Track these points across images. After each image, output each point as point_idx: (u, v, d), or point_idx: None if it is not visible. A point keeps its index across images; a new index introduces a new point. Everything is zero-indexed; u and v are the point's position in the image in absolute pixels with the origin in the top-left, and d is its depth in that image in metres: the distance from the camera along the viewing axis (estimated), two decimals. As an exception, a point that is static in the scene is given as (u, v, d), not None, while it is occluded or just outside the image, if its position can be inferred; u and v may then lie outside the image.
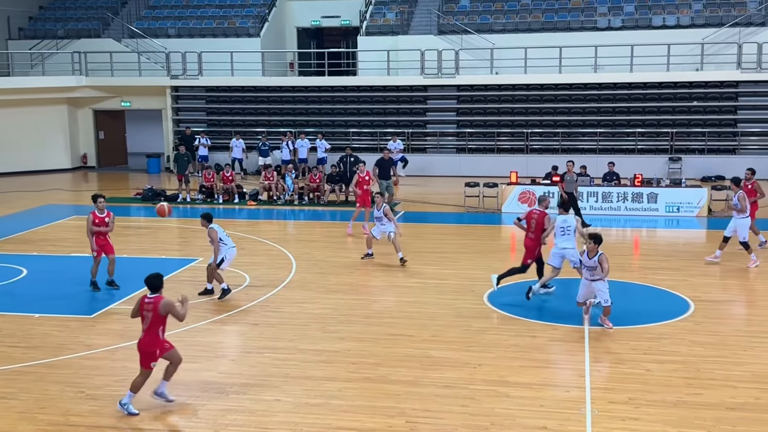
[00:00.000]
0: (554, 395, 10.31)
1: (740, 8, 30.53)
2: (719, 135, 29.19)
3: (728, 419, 9.54)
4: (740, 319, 13.35)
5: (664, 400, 10.03)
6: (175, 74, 32.91)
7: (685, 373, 10.94)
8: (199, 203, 25.36)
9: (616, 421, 9.55)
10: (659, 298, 14.55)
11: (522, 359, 11.59)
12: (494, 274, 14.74)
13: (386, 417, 9.71)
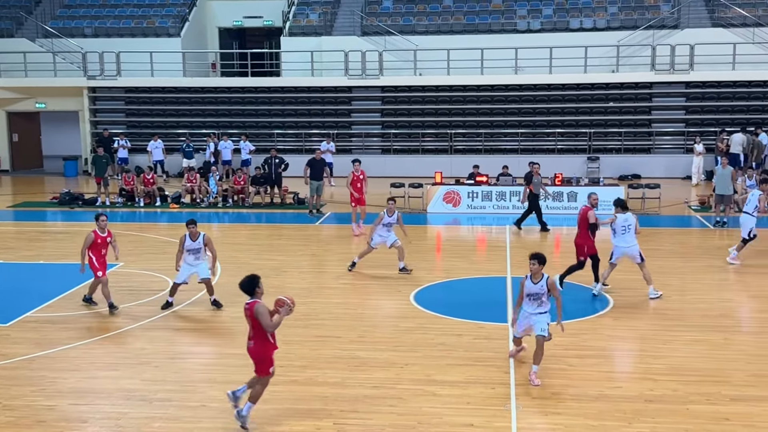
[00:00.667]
0: (480, 392, 10.44)
1: (654, 11, 31.53)
2: (635, 135, 30.09)
3: (647, 411, 9.83)
4: (657, 314, 13.77)
5: (586, 394, 10.27)
6: (92, 75, 32.08)
7: (606, 367, 11.23)
8: (119, 207, 24.77)
9: (540, 416, 9.73)
10: (579, 294, 14.89)
11: (448, 358, 11.70)
12: (557, 274, 14.80)
13: (314, 419, 9.67)
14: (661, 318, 13.55)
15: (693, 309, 13.93)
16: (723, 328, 12.94)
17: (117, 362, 11.49)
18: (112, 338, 12.55)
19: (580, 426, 9.49)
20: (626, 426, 9.47)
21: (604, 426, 9.46)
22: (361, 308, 14.10)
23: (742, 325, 13.12)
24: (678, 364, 11.36)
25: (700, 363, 11.45)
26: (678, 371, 11.08)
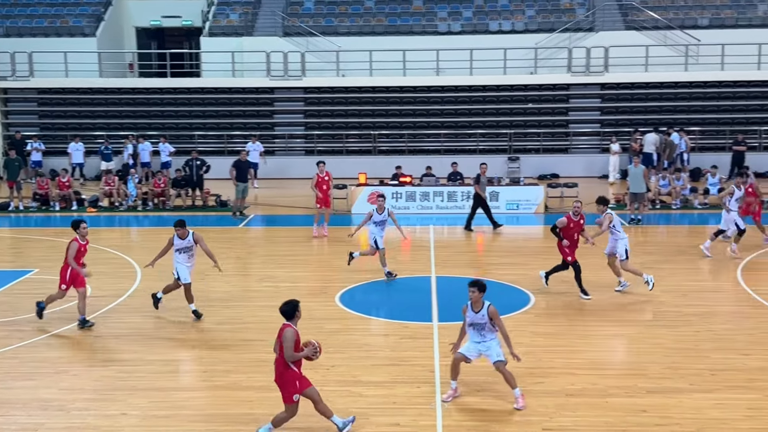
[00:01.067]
0: (406, 392, 10.51)
1: (569, 14, 32.29)
2: (553, 135, 30.75)
3: (568, 405, 10.07)
4: (577, 310, 14.10)
5: (509, 390, 10.44)
6: (3, 75, 30.95)
7: (528, 363, 11.43)
8: (33, 211, 23.98)
9: (465, 413, 9.85)
10: (502, 292, 15.13)
11: (374, 358, 11.73)
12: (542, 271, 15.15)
13: (239, 424, 9.56)
14: (580, 314, 13.88)
15: (611, 304, 14.32)
16: (640, 323, 13.35)
17: (33, 371, 11.12)
18: (28, 347, 12.14)
19: (504, 422, 9.65)
20: (548, 420, 9.68)
21: (527, 421, 9.64)
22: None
23: (658, 319, 13.54)
24: (597, 358, 11.66)
25: (618, 357, 11.79)
26: (597, 365, 11.37)
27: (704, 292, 14.84)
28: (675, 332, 12.83)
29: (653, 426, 9.52)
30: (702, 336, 12.60)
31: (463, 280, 14.67)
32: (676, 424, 9.49)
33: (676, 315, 13.66)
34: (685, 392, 10.44)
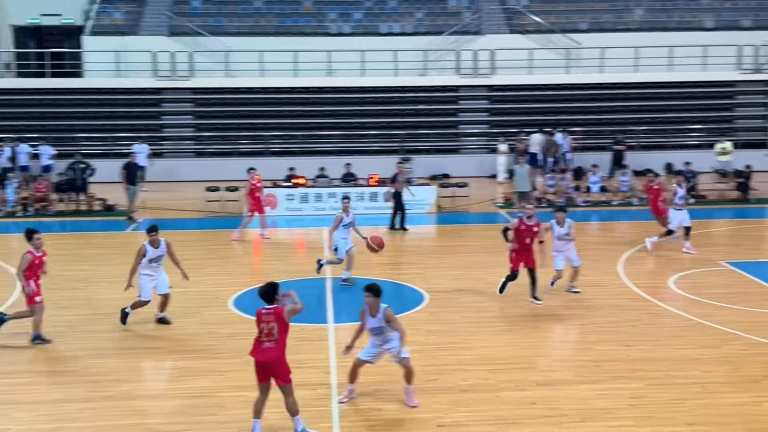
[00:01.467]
0: (303, 395, 10.45)
1: (457, 18, 32.94)
2: (443, 136, 31.31)
3: (462, 401, 10.29)
4: (469, 307, 14.41)
5: (404, 387, 10.57)
6: None
7: (423, 361, 11.60)
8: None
9: (360, 414, 9.91)
10: (397, 292, 15.30)
11: (270, 362, 11.63)
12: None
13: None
14: (473, 311, 14.19)
15: (502, 301, 14.70)
16: (529, 318, 13.76)
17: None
18: None
19: (399, 420, 9.76)
20: (442, 416, 9.86)
21: (422, 418, 9.79)
22: (179, 317, 13.70)
23: (546, 313, 13.99)
24: (488, 354, 11.95)
25: (509, 351, 12.12)
26: (489, 361, 11.66)
27: (589, 287, 15.42)
28: (562, 326, 13.29)
29: (542, 417, 9.84)
30: (587, 329, 13.11)
31: (358, 280, 14.79)
32: (563, 415, 9.85)
33: (563, 309, 14.15)
34: (571, 384, 10.84)
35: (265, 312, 9.15)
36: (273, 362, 9.14)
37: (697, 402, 10.22)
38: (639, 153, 30.21)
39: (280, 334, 9.11)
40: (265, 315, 9.14)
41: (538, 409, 10.09)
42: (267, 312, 9.14)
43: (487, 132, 31.42)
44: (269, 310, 9.15)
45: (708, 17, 32.86)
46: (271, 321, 9.10)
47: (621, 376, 11.11)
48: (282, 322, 9.10)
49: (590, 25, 32.61)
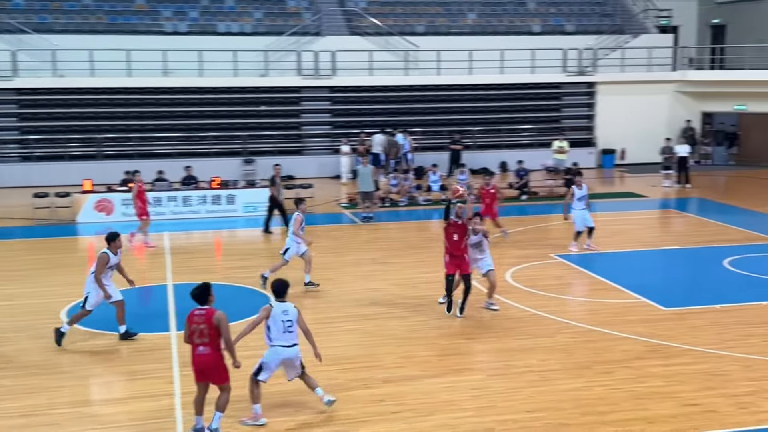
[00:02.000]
0: (145, 406, 10.10)
1: (297, 18, 32.86)
2: (286, 137, 31.14)
3: (311, 402, 10.24)
4: (316, 308, 14.39)
5: (263, 393, 10.40)
6: None
7: (271, 365, 11.48)
8: None
9: (206, 423, 9.66)
10: (242, 296, 15.06)
11: (108, 374, 11.15)
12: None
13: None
14: (320, 311, 14.19)
15: (348, 300, 14.80)
16: (374, 316, 13.92)
17: None
18: None
19: (249, 427, 9.60)
20: (291, 419, 9.78)
21: (270, 422, 9.66)
22: (4, 331, 12.83)
23: (392, 311, 14.21)
24: (336, 354, 11.98)
25: (355, 350, 12.20)
26: (337, 361, 11.68)
27: (431, 283, 15.79)
28: (407, 323, 13.54)
29: (390, 414, 9.98)
30: (431, 324, 13.42)
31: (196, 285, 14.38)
32: (410, 410, 10.03)
33: (408, 306, 14.42)
34: (417, 379, 11.06)
35: (197, 313, 9.13)
36: (209, 367, 9.14)
37: (534, 389, 10.70)
38: (475, 152, 31.31)
39: (211, 336, 9.06)
40: (197, 317, 9.11)
41: (386, 405, 10.22)
42: (199, 314, 9.11)
43: (329, 133, 31.54)
44: (201, 311, 9.13)
45: (535, 22, 34.54)
46: (202, 323, 9.05)
47: (464, 369, 11.46)
48: (212, 327, 9.05)
49: (427, 28, 33.46)
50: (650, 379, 10.95)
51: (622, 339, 12.58)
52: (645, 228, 21.55)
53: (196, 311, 9.16)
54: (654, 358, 11.76)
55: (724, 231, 20.43)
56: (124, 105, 29.86)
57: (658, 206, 24.73)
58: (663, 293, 14.93)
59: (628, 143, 32.77)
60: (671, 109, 33.10)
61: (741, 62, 32.62)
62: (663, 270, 17.12)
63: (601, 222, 17.96)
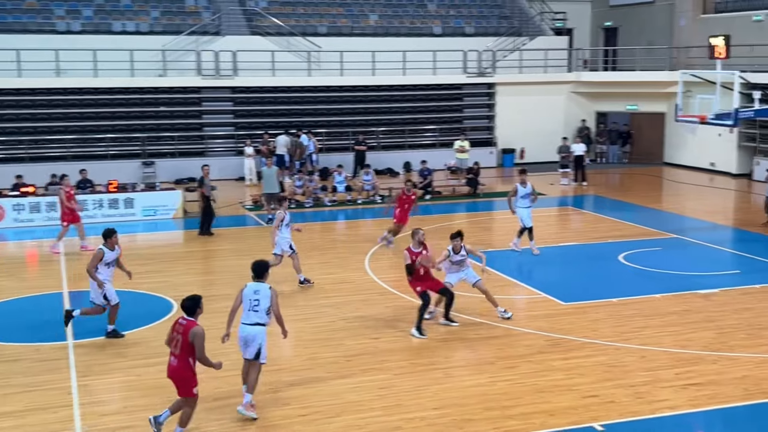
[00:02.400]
0: (42, 419, 9.73)
1: (195, 18, 32.25)
2: (188, 139, 30.51)
3: (216, 409, 10.10)
4: (220, 313, 14.09)
5: (154, 404, 10.17)
6: None
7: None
8: None
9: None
10: (143, 302, 14.67)
11: (4, 387, 10.67)
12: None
13: None
14: (221, 316, 13.93)
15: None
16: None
17: None
18: None
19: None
20: (195, 429, 9.59)
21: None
22: None
23: (298, 313, 14.11)
24: (241, 358, 11.81)
25: (262, 354, 12.05)
26: (241, 366, 11.51)
27: (337, 284, 15.80)
28: (313, 324, 13.48)
29: (296, 417, 9.92)
30: (337, 325, 13.41)
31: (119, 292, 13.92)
32: (317, 412, 9.99)
33: (314, 308, 14.37)
34: (323, 380, 11.03)
35: (180, 323, 9.16)
36: (173, 375, 9.21)
37: (440, 386, 10.83)
38: (380, 153, 31.47)
39: (182, 348, 9.03)
40: (178, 326, 9.16)
41: (292, 409, 10.15)
42: (181, 323, 9.14)
43: (232, 134, 31.10)
44: (184, 322, 9.13)
45: (436, 24, 34.99)
46: (179, 333, 9.07)
47: (370, 368, 11.49)
48: (186, 339, 9.00)
49: (329, 29, 33.41)
50: (551, 373, 11.26)
51: (524, 334, 12.88)
52: (544, 225, 22.12)
53: (180, 320, 9.20)
54: (555, 352, 12.09)
55: (619, 227, 21.19)
56: (15, 107, 28.63)
57: (556, 204, 25.45)
58: (563, 289, 15.37)
59: (527, 143, 33.59)
60: (567, 109, 34.13)
61: (632, 63, 33.92)
62: (562, 266, 17.62)
63: (501, 220, 18.35)
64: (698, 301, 14.65)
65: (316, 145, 29.59)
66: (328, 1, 34.92)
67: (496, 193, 26.60)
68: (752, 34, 29.93)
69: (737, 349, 12.20)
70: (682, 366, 11.47)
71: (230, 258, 18.23)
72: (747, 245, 19.15)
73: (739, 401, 10.30)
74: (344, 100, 32.31)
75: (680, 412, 10.03)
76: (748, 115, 19.50)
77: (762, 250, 18.52)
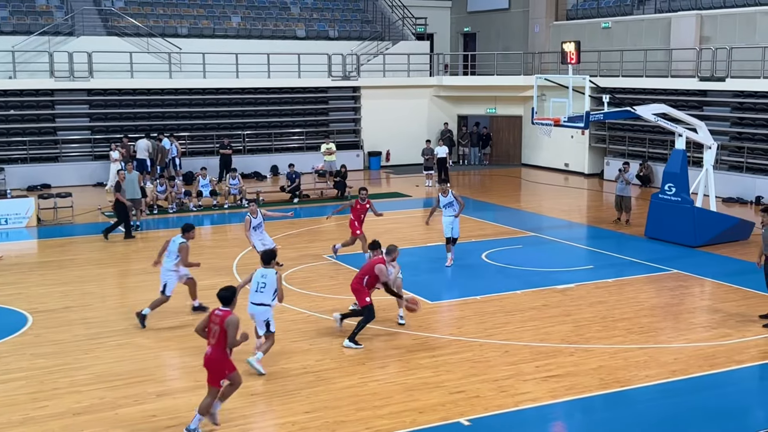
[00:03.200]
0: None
1: (47, 17, 30.78)
2: (40, 143, 29.08)
3: (76, 425, 9.68)
4: (79, 324, 13.58)
5: (10, 421, 9.66)
6: None
7: (30, 388, 10.72)
8: None
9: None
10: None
11: None
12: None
13: None
14: (84, 327, 13.42)
15: (116, 314, 14.12)
16: (148, 331, 13.36)
17: None
18: None
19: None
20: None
21: None
22: None
23: (162, 322, 13.70)
24: (103, 371, 11.41)
25: (126, 366, 11.67)
26: (104, 379, 11.12)
27: (202, 291, 15.47)
28: (179, 333, 13.15)
29: (163, 429, 9.67)
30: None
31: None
32: (184, 424, 9.74)
33: (180, 315, 14.01)
34: (192, 390, 10.79)
35: (216, 314, 9.52)
36: (208, 365, 9.49)
37: (311, 390, 10.84)
38: (246, 156, 31.11)
39: (220, 338, 9.37)
40: (214, 317, 9.51)
41: (158, 420, 9.89)
42: (217, 314, 9.49)
43: (89, 138, 29.87)
44: (220, 312, 9.49)
45: (300, 27, 34.92)
46: (216, 324, 9.41)
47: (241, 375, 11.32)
48: (222, 329, 9.34)
49: (190, 30, 32.68)
50: (419, 371, 11.49)
51: (394, 333, 13.08)
52: (410, 226, 22.55)
53: (217, 311, 9.57)
54: (422, 350, 12.35)
55: (481, 226, 21.87)
56: None
57: (421, 205, 25.97)
58: (429, 288, 15.71)
59: (392, 145, 34.10)
60: (430, 112, 34.90)
61: (490, 68, 35.09)
62: (428, 265, 17.99)
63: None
64: (556, 296, 15.34)
65: (179, 149, 28.88)
66: (189, 2, 34.21)
67: (363, 196, 26.88)
68: (601, 41, 31.66)
69: (592, 341, 12.85)
70: (542, 359, 11.97)
71: (88, 267, 17.53)
72: (600, 242, 20.21)
73: (596, 390, 10.86)
74: (208, 103, 31.74)
75: (542, 403, 10.47)
76: (598, 117, 20.53)
77: (613, 245, 19.60)
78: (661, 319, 13.98)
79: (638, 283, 16.22)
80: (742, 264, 17.41)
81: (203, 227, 22.46)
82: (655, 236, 19.97)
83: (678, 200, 19.57)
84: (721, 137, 25.70)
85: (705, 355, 12.14)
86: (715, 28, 27.91)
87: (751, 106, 26.38)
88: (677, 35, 28.73)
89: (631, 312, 14.31)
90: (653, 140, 29.20)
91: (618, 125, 30.43)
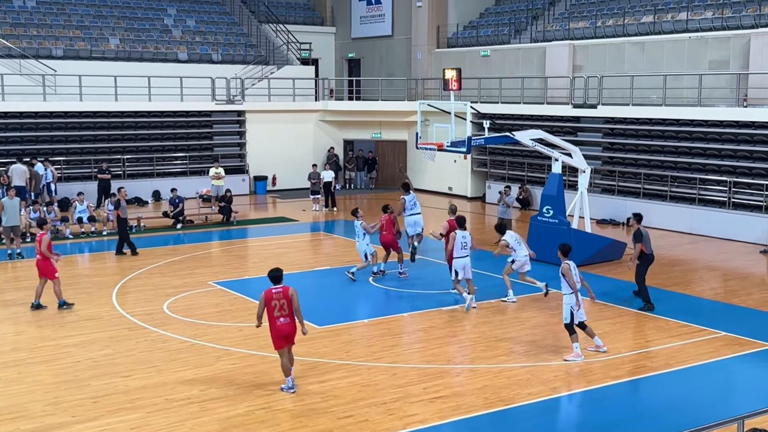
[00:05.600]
0: None
1: None
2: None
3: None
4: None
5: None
6: None
7: None
8: None
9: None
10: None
11: None
12: None
13: None
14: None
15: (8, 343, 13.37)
16: (16, 363, 12.74)
17: None
18: None
19: None
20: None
21: None
22: None
23: (36, 355, 13.11)
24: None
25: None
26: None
27: (82, 321, 14.88)
28: (54, 366, 12.59)
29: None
30: (82, 365, 12.62)
31: None
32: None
33: (55, 348, 13.43)
34: (68, 425, 10.33)
35: (275, 291, 11.11)
36: (290, 332, 11.25)
37: (195, 421, 10.55)
38: (126, 181, 30.21)
39: (290, 309, 11.08)
40: (275, 294, 11.10)
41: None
42: (276, 291, 11.11)
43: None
44: (278, 289, 11.13)
45: (181, 50, 34.35)
46: (281, 298, 11.06)
47: (120, 408, 10.93)
48: (289, 300, 11.06)
49: (65, 51, 31.59)
50: (308, 397, 11.40)
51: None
52: (297, 251, 22.43)
53: (273, 289, 11.11)
54: (311, 375, 12.25)
55: (368, 250, 21.95)
56: None
57: (308, 229, 25.90)
58: (317, 312, 15.61)
59: (278, 170, 33.91)
60: (316, 136, 34.95)
61: (375, 94, 35.52)
62: (316, 290, 17.91)
63: (254, 247, 18.33)
64: (442, 317, 15.58)
65: (54, 174, 27.76)
66: (64, 24, 33.10)
67: (249, 221, 26.57)
68: (481, 68, 32.62)
69: (477, 361, 13.11)
70: (429, 380, 12.11)
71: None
72: (482, 263, 20.65)
73: (481, 410, 11.06)
74: (85, 126, 30.71)
75: (429, 425, 10.57)
76: (479, 142, 21.06)
77: (495, 267, 20.09)
78: (542, 337, 14.41)
79: (520, 302, 16.69)
80: (615, 283, 18.18)
81: (81, 255, 21.62)
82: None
83: (555, 222, 20.30)
84: (594, 162, 26.87)
85: (583, 372, 12.58)
86: (586, 58, 29.29)
87: (621, 131, 27.76)
88: (552, 64, 29.98)
89: (513, 331, 14.69)
90: (531, 164, 30.24)
91: (498, 150, 31.35)
